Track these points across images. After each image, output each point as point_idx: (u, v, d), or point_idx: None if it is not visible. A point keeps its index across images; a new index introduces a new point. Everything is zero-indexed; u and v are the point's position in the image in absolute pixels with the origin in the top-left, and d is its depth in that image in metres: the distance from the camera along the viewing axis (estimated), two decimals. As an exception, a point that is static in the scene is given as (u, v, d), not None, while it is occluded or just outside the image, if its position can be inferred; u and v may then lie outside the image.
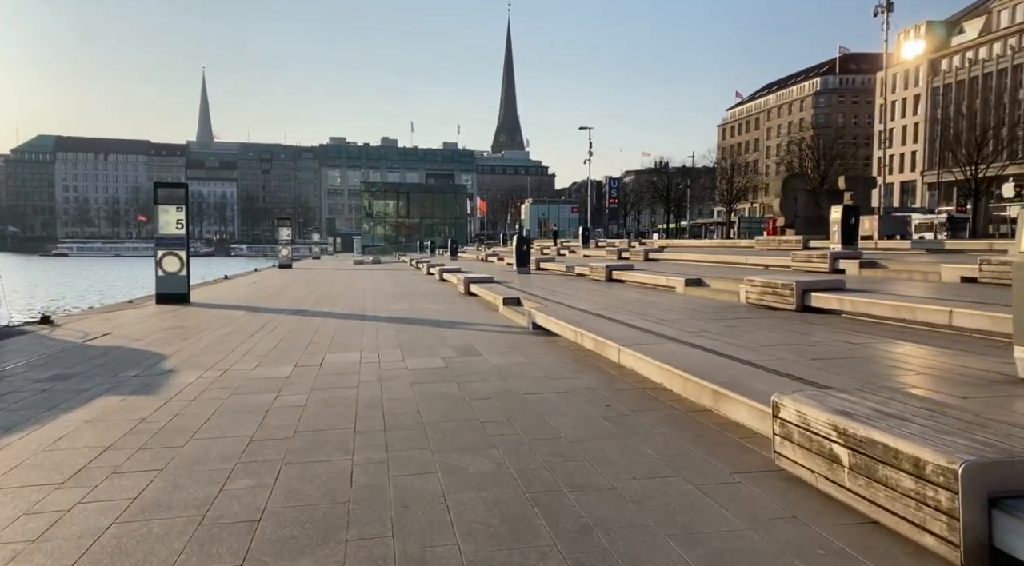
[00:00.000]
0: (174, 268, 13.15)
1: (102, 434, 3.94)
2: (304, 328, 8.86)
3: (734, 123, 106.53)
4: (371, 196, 79.73)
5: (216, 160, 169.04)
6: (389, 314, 10.36)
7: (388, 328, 8.67)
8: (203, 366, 6.13)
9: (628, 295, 10.79)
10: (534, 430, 3.83)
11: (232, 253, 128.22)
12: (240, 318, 10.20)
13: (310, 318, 10.10)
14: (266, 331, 8.61)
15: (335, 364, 6.13)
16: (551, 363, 5.84)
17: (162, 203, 13.17)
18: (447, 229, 73.87)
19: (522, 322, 8.50)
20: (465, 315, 9.95)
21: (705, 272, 13.21)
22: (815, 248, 16.38)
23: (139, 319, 10.28)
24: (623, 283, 13.04)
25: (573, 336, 6.45)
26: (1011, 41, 57.47)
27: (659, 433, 3.69)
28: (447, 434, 3.80)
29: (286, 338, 7.93)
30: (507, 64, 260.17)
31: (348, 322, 9.42)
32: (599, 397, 4.53)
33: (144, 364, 6.30)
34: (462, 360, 6.15)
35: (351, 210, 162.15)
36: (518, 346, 6.86)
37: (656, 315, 7.77)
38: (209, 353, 6.89)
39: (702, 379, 3.97)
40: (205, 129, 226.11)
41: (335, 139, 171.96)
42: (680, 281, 10.27)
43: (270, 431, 3.95)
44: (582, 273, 15.80)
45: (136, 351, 7.11)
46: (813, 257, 11.29)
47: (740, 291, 8.47)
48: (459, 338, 7.58)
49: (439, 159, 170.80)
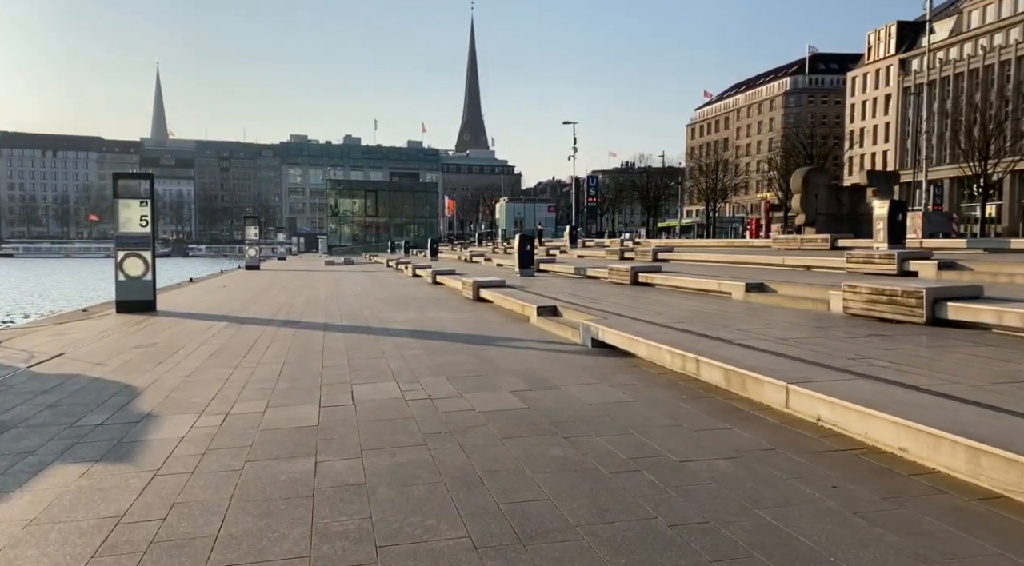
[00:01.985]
0: (137, 271, 11.39)
1: (52, 559, 2.38)
2: (306, 345, 7.28)
3: (703, 122, 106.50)
4: (338, 194, 77.30)
5: (172, 158, 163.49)
6: (400, 326, 8.82)
7: (411, 345, 7.14)
8: (194, 407, 4.56)
9: (675, 302, 9.42)
10: (781, 554, 2.38)
11: (190, 254, 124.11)
12: (222, 332, 8.55)
13: (307, 331, 8.50)
14: (260, 350, 7.02)
15: (373, 402, 4.61)
16: (667, 403, 4.40)
17: (123, 197, 11.39)
18: (416, 228, 71.97)
19: (571, 337, 7.06)
20: (492, 328, 8.47)
21: (740, 274, 11.93)
22: (846, 248, 15.27)
23: (98, 334, 8.56)
24: (653, 287, 11.66)
25: (671, 361, 5.03)
26: (982, 41, 57.96)
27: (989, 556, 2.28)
28: (621, 550, 2.34)
29: (290, 360, 6.36)
30: (471, 63, 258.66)
31: (357, 337, 7.86)
32: (803, 470, 3.09)
33: (112, 404, 4.70)
34: (540, 396, 4.69)
35: (313, 209, 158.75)
36: (596, 373, 5.42)
37: (752, 330, 6.40)
38: (196, 385, 5.30)
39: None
40: (160, 126, 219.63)
41: (296, 137, 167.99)
42: (738, 286, 8.90)
43: (333, 546, 2.44)
44: (596, 275, 14.39)
45: (98, 382, 5.48)
46: (874, 257, 10.08)
47: (831, 299, 7.15)
48: (511, 361, 6.10)
49: (403, 158, 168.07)
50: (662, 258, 17.25)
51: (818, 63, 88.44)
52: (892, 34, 67.76)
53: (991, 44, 56.86)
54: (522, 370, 5.61)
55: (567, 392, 4.75)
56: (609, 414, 4.14)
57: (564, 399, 4.56)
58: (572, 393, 4.71)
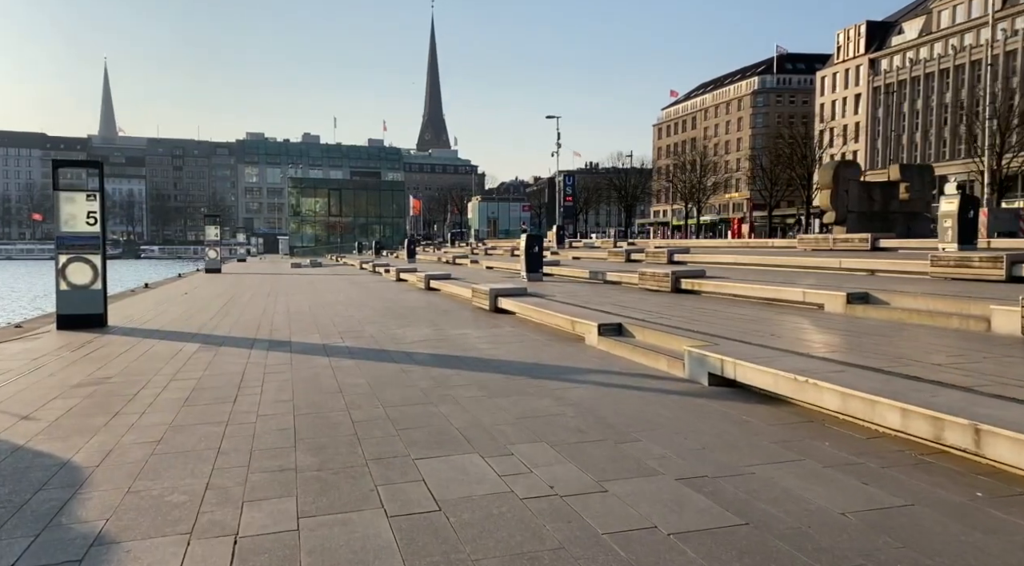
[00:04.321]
0: (84, 279, 9.38)
1: None
2: (314, 382, 5.46)
3: (670, 122, 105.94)
4: (299, 193, 74.28)
5: (122, 155, 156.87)
6: (421, 349, 7.04)
7: (457, 381, 5.38)
8: (175, 520, 2.76)
9: (753, 316, 7.82)
10: None
11: (142, 255, 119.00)
12: (195, 358, 6.66)
13: (306, 357, 6.67)
14: (253, 389, 5.19)
15: (468, 504, 2.87)
16: (973, 512, 2.77)
17: (66, 189, 9.38)
18: (383, 228, 69.46)
19: (664, 367, 5.42)
20: (540, 351, 6.76)
21: (796, 278, 10.44)
22: (890, 248, 13.94)
23: (30, 362, 6.58)
24: (699, 295, 10.06)
25: (893, 419, 3.40)
26: (952, 41, 58.15)
27: None
28: None
29: (300, 408, 4.56)
30: (431, 61, 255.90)
31: (376, 368, 6.06)
32: None
33: (35, 512, 2.87)
34: (733, 490, 3.00)
35: (271, 209, 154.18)
36: (771, 437, 3.77)
37: (948, 364, 4.83)
38: (173, 462, 3.48)
39: None
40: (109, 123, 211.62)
41: (253, 134, 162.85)
42: (835, 296, 7.31)
43: None
44: (619, 280, 12.74)
45: (19, 457, 3.62)
46: (972, 260, 8.63)
47: (993, 315, 5.62)
48: (619, 409, 4.41)
49: (364, 156, 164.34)
50: (679, 260, 15.72)
51: (786, 63, 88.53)
52: (862, 33, 67.83)
53: (961, 44, 57.07)
54: (650, 426, 3.92)
55: (769, 481, 3.07)
56: (901, 541, 2.46)
57: (780, 499, 2.87)
58: (782, 486, 3.02)
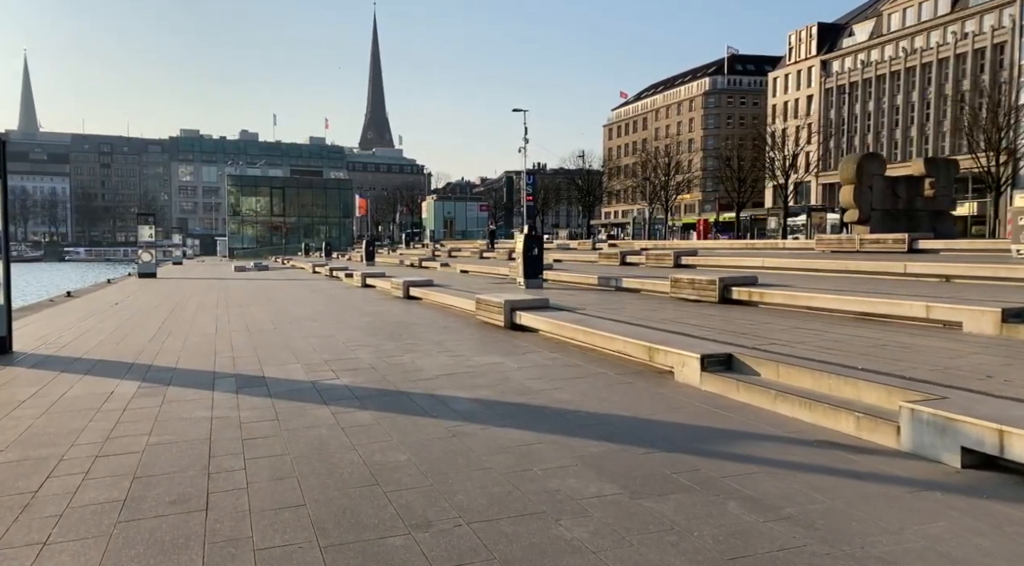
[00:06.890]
0: (-21, 294, 7.16)
1: None
2: (328, 465, 3.57)
3: (620, 123, 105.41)
4: (239, 192, 70.47)
5: (43, 152, 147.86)
6: (454, 390, 5.18)
7: (550, 458, 3.56)
8: None
9: (876, 337, 6.23)
10: None
11: (66, 258, 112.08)
12: (136, 412, 4.63)
13: (295, 407, 4.73)
14: (233, 481, 3.27)
15: None
16: None
17: (-47, 175, 7.16)
18: (328, 229, 66.38)
19: (843, 428, 3.72)
20: (627, 396, 5.00)
21: (855, 286, 8.97)
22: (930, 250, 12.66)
23: None
24: (755, 307, 8.44)
25: None
26: (903, 43, 58.85)
27: None
28: None
29: (330, 535, 2.68)
30: (374, 59, 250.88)
31: (409, 426, 4.19)
32: None
33: None
34: None
35: (207, 209, 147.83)
36: None
37: None
38: None
39: None
40: (29, 117, 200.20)
41: (187, 131, 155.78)
42: (979, 313, 5.76)
43: None
44: (636, 287, 11.04)
45: None
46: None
47: None
48: (865, 529, 2.68)
49: (305, 154, 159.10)
50: (686, 263, 14.18)
51: (736, 64, 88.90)
52: (813, 35, 68.27)
53: (912, 46, 57.79)
54: None
55: None
56: None
57: None
58: None
